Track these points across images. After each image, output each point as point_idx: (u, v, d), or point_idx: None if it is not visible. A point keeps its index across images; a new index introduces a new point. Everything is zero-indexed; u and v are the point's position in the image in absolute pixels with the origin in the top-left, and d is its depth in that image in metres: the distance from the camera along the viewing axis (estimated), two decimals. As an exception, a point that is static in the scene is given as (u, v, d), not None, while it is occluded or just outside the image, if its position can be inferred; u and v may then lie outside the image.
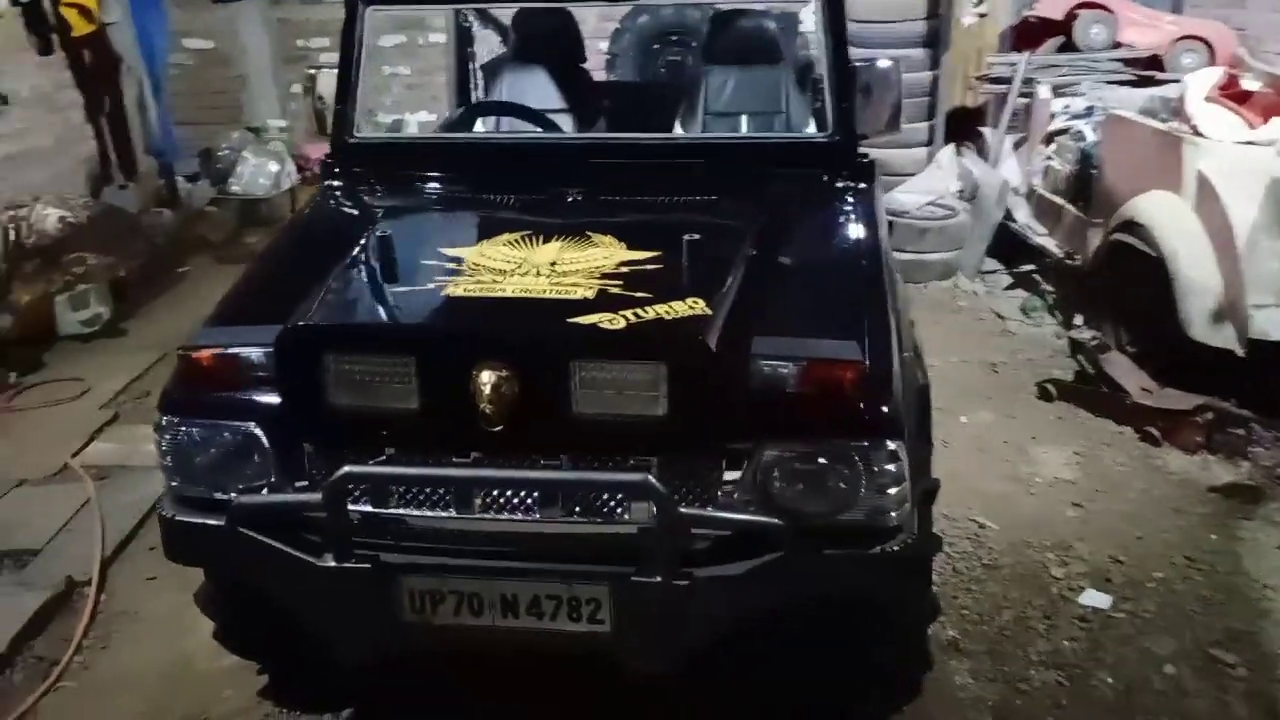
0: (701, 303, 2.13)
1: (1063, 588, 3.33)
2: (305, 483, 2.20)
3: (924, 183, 6.65)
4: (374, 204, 2.94)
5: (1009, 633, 3.11)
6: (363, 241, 2.46)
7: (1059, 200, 5.78)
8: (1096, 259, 5.13)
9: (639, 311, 2.08)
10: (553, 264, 2.33)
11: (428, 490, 2.17)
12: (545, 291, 2.19)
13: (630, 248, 2.43)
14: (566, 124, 3.76)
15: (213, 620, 2.61)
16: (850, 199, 2.84)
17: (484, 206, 2.90)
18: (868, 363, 2.11)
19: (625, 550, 2.10)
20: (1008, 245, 6.25)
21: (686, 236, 2.33)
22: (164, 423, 2.25)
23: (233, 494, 2.22)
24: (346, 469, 2.06)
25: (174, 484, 2.29)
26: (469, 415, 2.03)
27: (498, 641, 2.18)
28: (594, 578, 2.10)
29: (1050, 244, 5.80)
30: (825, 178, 2.90)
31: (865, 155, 2.95)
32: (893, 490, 2.10)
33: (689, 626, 2.09)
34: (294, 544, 2.17)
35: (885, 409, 2.10)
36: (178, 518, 2.28)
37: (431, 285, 2.24)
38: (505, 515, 2.15)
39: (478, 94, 4.36)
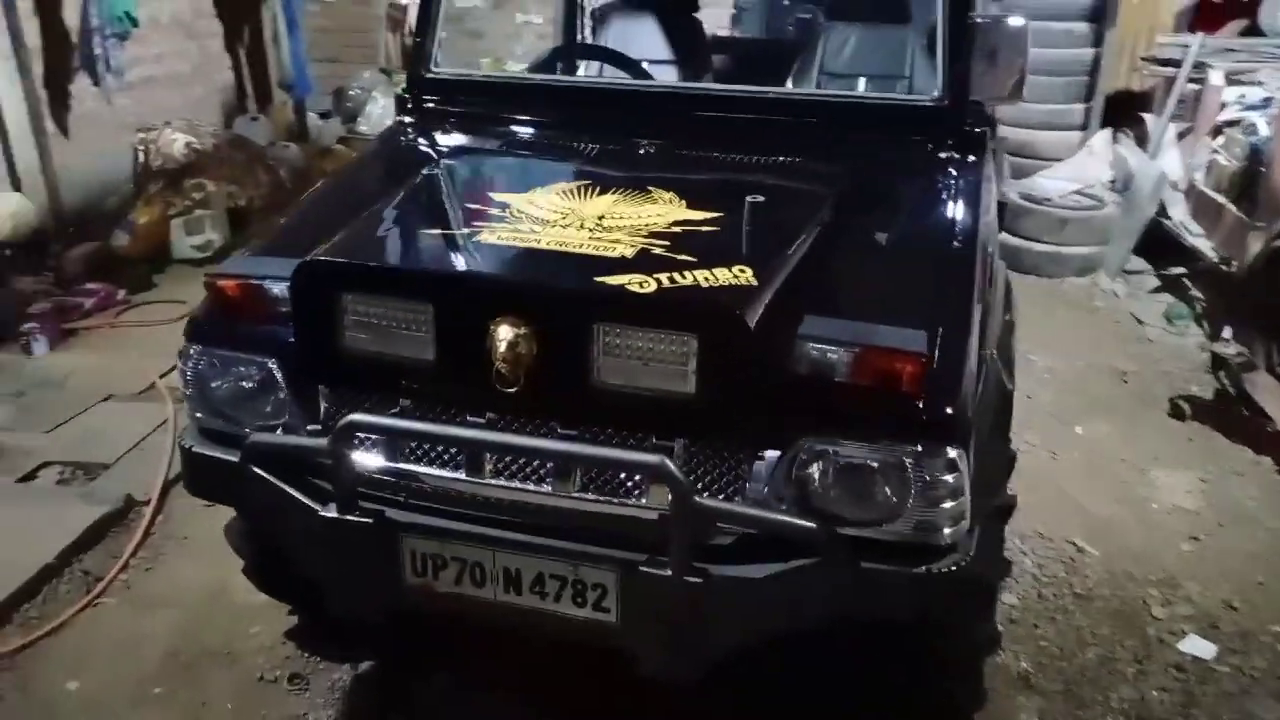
0: (749, 271, 1.90)
1: (1162, 630, 2.98)
2: (319, 427, 2.09)
3: (1072, 169, 6.18)
4: (439, 142, 2.80)
5: (1090, 673, 2.80)
6: (413, 180, 2.32)
7: (1220, 199, 5.23)
8: (1255, 267, 4.61)
9: (676, 276, 1.87)
10: (600, 218, 2.14)
11: (438, 449, 2.03)
12: (581, 246, 2.00)
13: (690, 206, 2.22)
14: (666, 74, 3.54)
15: (240, 556, 2.56)
16: (953, 171, 2.53)
17: (549, 152, 2.72)
18: (934, 357, 1.85)
19: (638, 537, 1.91)
20: (1158, 244, 5.75)
21: (750, 198, 2.10)
22: (189, 350, 2.18)
23: (249, 430, 2.13)
24: (352, 417, 1.94)
25: (196, 415, 2.22)
26: (485, 373, 1.87)
27: (500, 618, 2.03)
28: (601, 561, 1.91)
29: (1205, 246, 5.28)
30: (929, 146, 2.60)
31: (978, 124, 2.62)
32: (948, 504, 1.84)
33: (702, 631, 1.88)
34: (303, 489, 2.06)
35: (948, 411, 1.83)
36: (196, 449, 2.21)
37: (465, 230, 2.08)
38: (515, 484, 1.99)
39: (583, 38, 4.17)
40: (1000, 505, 2.20)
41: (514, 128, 2.81)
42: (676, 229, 2.10)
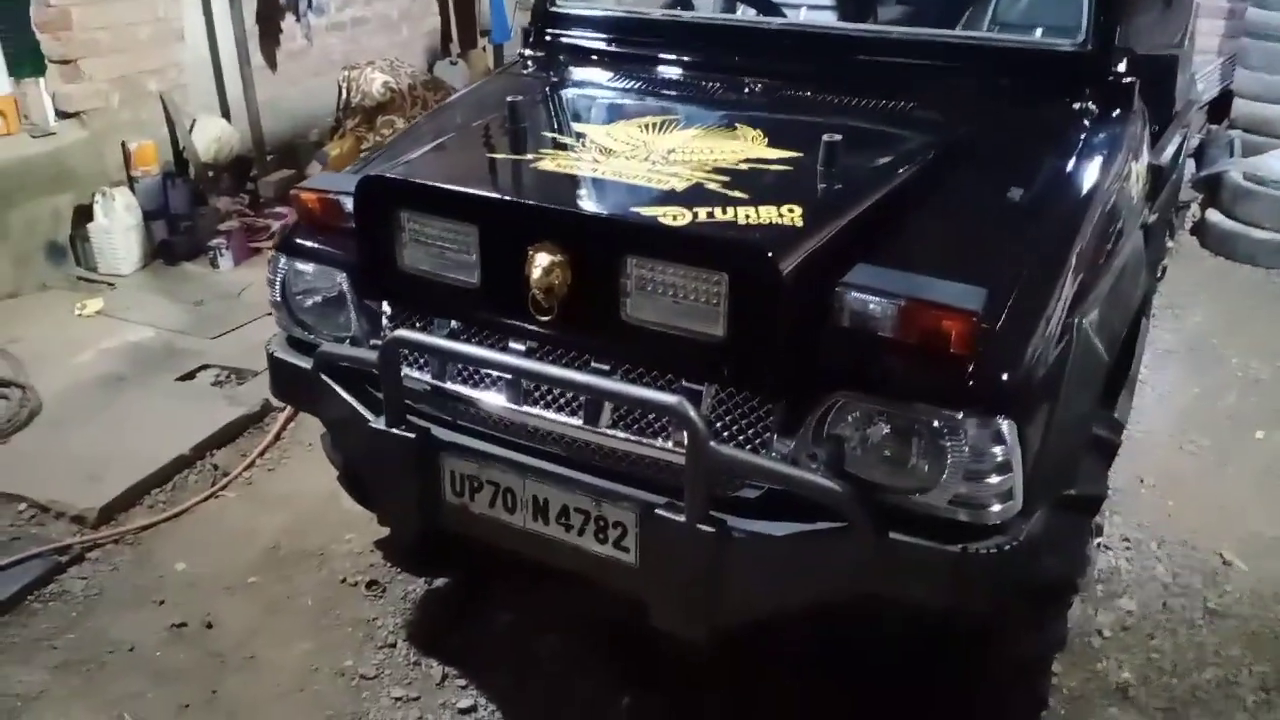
0: (798, 211, 1.79)
1: (1301, 660, 2.63)
2: (380, 341, 2.15)
3: (1310, 150, 5.45)
4: (549, 75, 2.79)
5: (1203, 695, 2.51)
6: (502, 109, 2.33)
7: None
8: None
9: (717, 211, 1.79)
10: (670, 151, 2.07)
11: (480, 372, 2.04)
12: (635, 177, 1.94)
13: (771, 145, 2.11)
14: (804, 12, 3.37)
15: (332, 464, 2.69)
16: (1087, 125, 2.28)
17: (650, 87, 2.66)
18: (997, 321, 1.69)
19: (662, 480, 1.86)
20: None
21: (827, 137, 1.97)
22: (277, 259, 2.29)
23: (322, 340, 2.23)
24: (398, 333, 1.99)
25: (281, 322, 2.34)
26: (524, 300, 1.86)
27: (528, 546, 2.03)
28: (621, 499, 1.88)
29: None
30: (1065, 98, 2.35)
31: (1126, 75, 2.35)
32: (993, 479, 1.67)
33: (714, 586, 1.81)
34: (363, 400, 2.13)
35: (1003, 378, 1.67)
36: (279, 355, 2.32)
37: (528, 157, 2.07)
38: (549, 414, 1.97)
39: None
40: (1083, 494, 1.99)
41: (627, 64, 2.76)
42: (744, 166, 2.00)
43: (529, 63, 2.90)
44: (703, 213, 1.77)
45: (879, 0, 3.78)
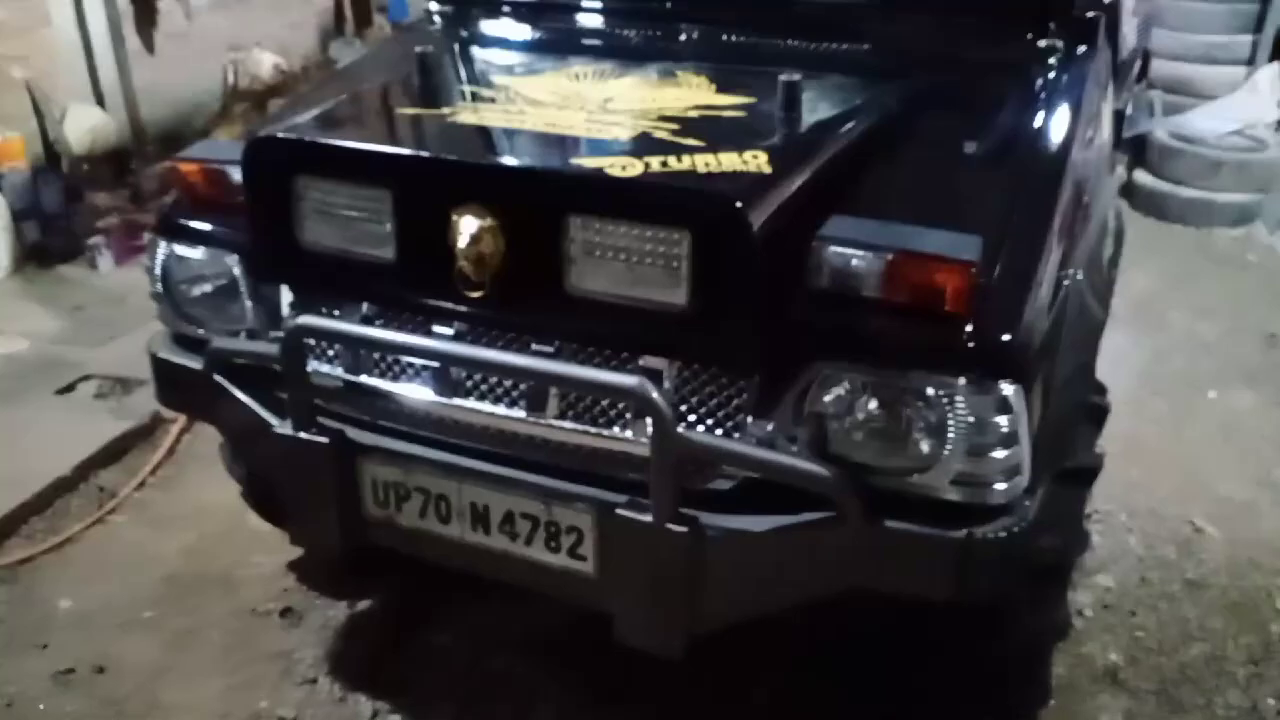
0: (763, 157, 1.55)
1: (1286, 627, 2.51)
2: (281, 332, 1.85)
3: (1232, 107, 5.45)
4: (459, 27, 2.50)
5: (1193, 673, 2.37)
6: (410, 62, 2.04)
7: None
8: None
9: (671, 160, 1.54)
10: (607, 100, 1.82)
11: (403, 362, 1.77)
12: (571, 128, 1.69)
13: (720, 91, 1.87)
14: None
15: (232, 478, 2.38)
16: (1053, 63, 2.09)
17: (579, 37, 2.40)
18: (993, 273, 1.48)
19: (622, 476, 1.61)
20: (1328, 194, 5.02)
21: (784, 77, 1.74)
22: (155, 244, 1.97)
23: (214, 335, 1.92)
24: (301, 320, 1.70)
25: (164, 317, 2.02)
26: (449, 274, 1.59)
27: (468, 559, 1.77)
28: (575, 500, 1.63)
29: (1385, 197, 4.56)
30: (1026, 33, 2.16)
31: (1089, 9, 2.17)
32: (998, 453, 1.47)
33: (687, 592, 1.57)
34: (266, 403, 1.84)
35: (1005, 338, 1.46)
36: (162, 355, 2.01)
37: (444, 111, 1.79)
38: (485, 406, 1.71)
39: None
40: (1080, 466, 1.80)
41: (548, 14, 2.49)
42: (693, 113, 1.76)
43: (437, 18, 2.60)
44: (655, 162, 1.52)
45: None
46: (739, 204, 1.44)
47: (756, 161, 1.54)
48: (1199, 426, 3.42)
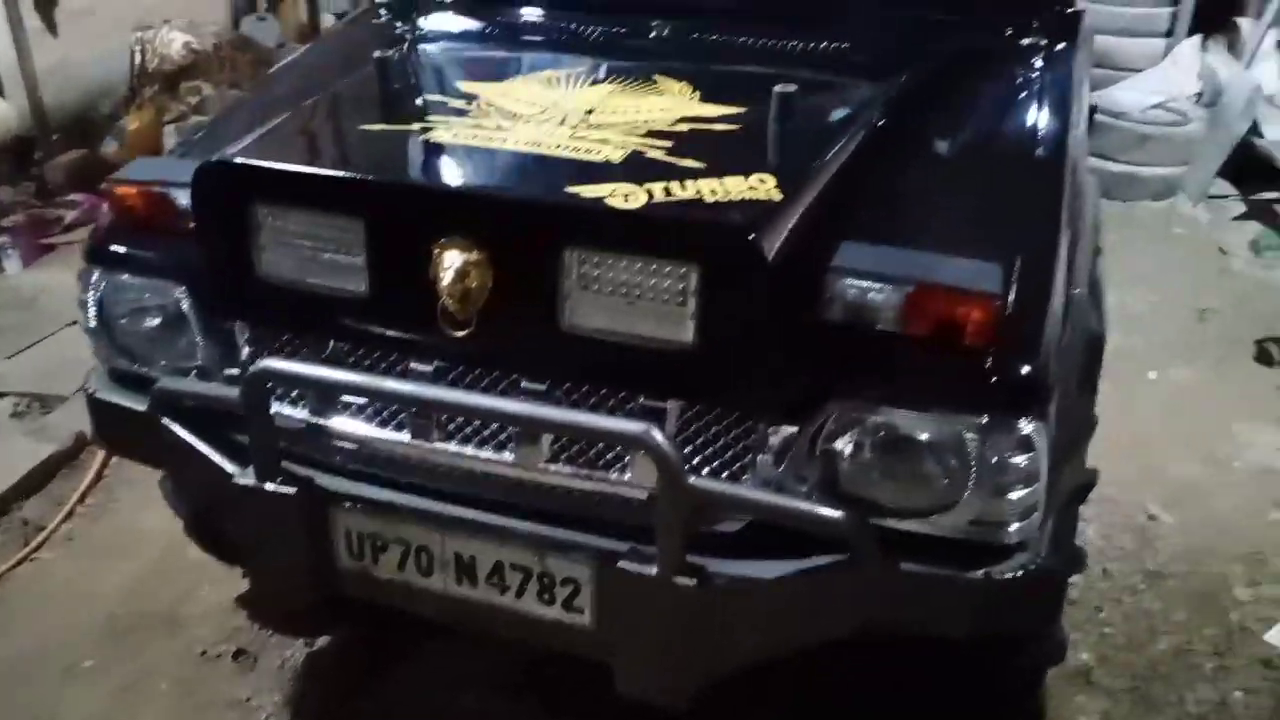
0: (770, 181, 1.46)
1: (1246, 615, 2.56)
2: (236, 371, 1.71)
3: (1155, 80, 5.53)
4: (413, 22, 2.33)
5: (1164, 669, 2.40)
6: (366, 67, 1.89)
7: (1325, 116, 4.63)
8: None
9: (674, 186, 1.44)
10: (588, 112, 1.70)
11: (375, 404, 1.64)
12: (557, 147, 1.57)
13: (705, 100, 1.77)
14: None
15: (174, 512, 2.21)
16: (1039, 63, 2.05)
17: (545, 33, 2.27)
18: (1009, 300, 1.41)
19: (621, 521, 1.52)
20: (1249, 167, 5.12)
21: (779, 88, 1.65)
22: (89, 274, 1.80)
23: (160, 374, 1.76)
24: (265, 364, 1.56)
25: (102, 354, 1.85)
26: (430, 310, 1.46)
27: (452, 612, 1.66)
28: (572, 550, 1.53)
29: (1304, 170, 4.69)
30: (1009, 30, 2.11)
31: (1070, 4, 2.13)
32: (1017, 493, 1.42)
33: (695, 644, 1.50)
34: (222, 447, 1.69)
35: (1025, 372, 1.40)
36: (100, 396, 1.83)
37: (415, 126, 1.65)
38: (470, 450, 1.59)
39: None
40: (1080, 484, 1.77)
41: (506, 7, 2.34)
42: (683, 127, 1.66)
43: (383, 10, 2.43)
44: (657, 189, 1.42)
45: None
46: (751, 236, 1.35)
47: (765, 187, 1.45)
48: (1143, 407, 3.47)
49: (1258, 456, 3.21)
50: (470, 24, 2.34)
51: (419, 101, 1.81)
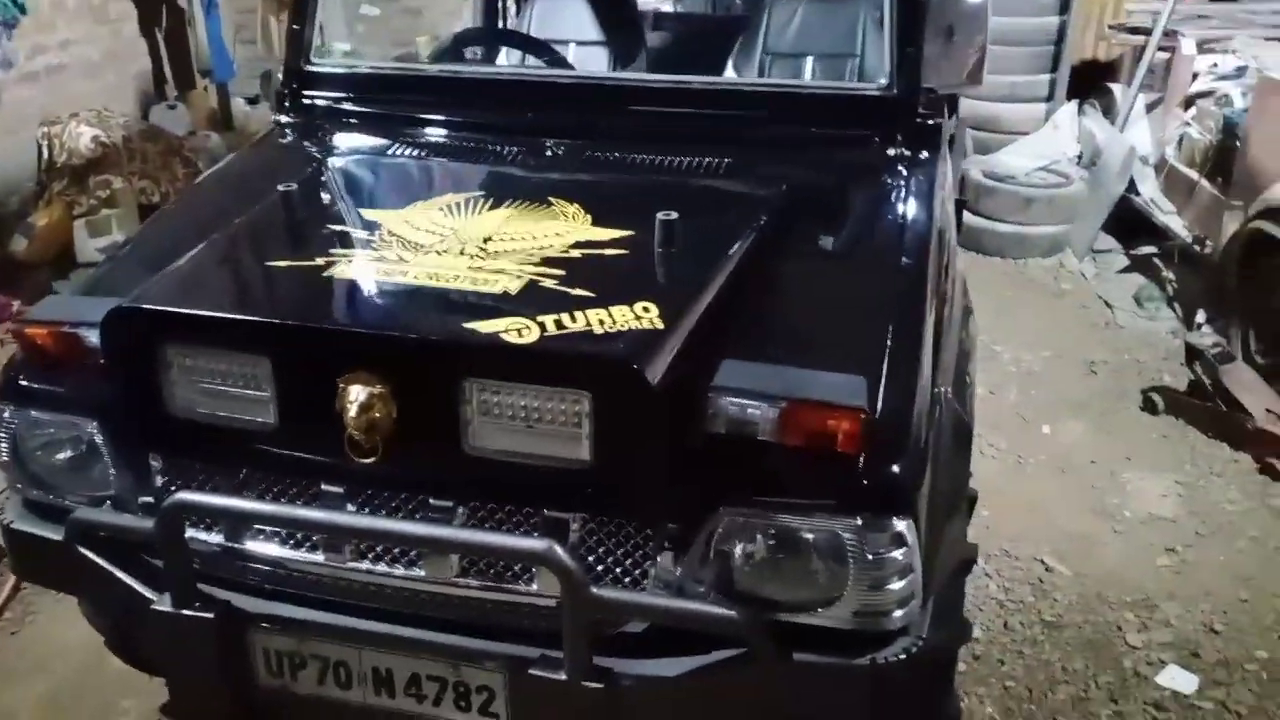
0: (654, 310, 1.58)
1: (1139, 660, 2.71)
2: (151, 499, 1.76)
3: (1037, 145, 5.88)
4: (315, 148, 2.44)
5: (1063, 717, 2.52)
6: (269, 198, 1.97)
7: (1193, 175, 4.97)
8: (1230, 248, 4.34)
9: (565, 318, 1.55)
10: (486, 240, 1.81)
11: (286, 529, 1.70)
12: (456, 279, 1.67)
13: (596, 223, 1.89)
14: (594, 59, 3.20)
15: (93, 628, 2.22)
16: (903, 172, 2.21)
17: (439, 157, 2.38)
18: (876, 410, 1.54)
19: (529, 629, 1.60)
20: (1128, 223, 5.47)
21: (662, 215, 1.78)
22: (1, 411, 1.83)
23: (75, 504, 1.80)
24: (179, 497, 1.62)
25: (16, 485, 1.88)
26: (337, 440, 1.54)
27: (374, 723, 1.72)
28: (485, 659, 1.61)
29: (1178, 225, 5.02)
30: (875, 141, 2.28)
31: (932, 114, 2.30)
32: (895, 584, 1.54)
33: None
34: (138, 574, 1.74)
35: (895, 474, 1.53)
36: (15, 526, 1.86)
37: (319, 261, 1.74)
38: (381, 567, 1.67)
39: (506, 19, 3.80)
40: (962, 558, 1.90)
41: (406, 129, 2.45)
42: (576, 253, 1.77)
43: (287, 131, 2.52)
44: (549, 321, 1.53)
45: (655, 33, 3.67)
46: (636, 366, 1.46)
47: (649, 315, 1.56)
48: (1038, 462, 3.65)
49: (1144, 504, 3.40)
50: (373, 144, 2.44)
51: (324, 232, 1.89)
